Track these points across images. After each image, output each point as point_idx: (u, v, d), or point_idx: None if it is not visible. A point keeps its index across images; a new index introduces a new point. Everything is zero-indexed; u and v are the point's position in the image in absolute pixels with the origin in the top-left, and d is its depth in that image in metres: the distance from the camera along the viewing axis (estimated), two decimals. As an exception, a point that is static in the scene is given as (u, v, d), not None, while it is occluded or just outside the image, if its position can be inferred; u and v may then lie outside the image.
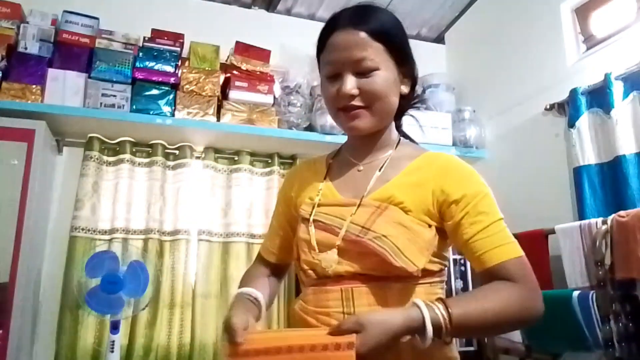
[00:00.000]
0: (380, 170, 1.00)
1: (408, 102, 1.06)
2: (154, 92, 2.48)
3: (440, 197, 0.94)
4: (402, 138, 1.08)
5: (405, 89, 1.01)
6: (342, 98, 0.95)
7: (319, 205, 1.00)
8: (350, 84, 0.94)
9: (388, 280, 0.91)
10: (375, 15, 0.97)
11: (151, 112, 2.45)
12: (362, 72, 0.94)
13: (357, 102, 0.95)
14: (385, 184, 0.97)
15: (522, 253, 0.91)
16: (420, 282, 0.93)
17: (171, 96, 2.51)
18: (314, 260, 0.96)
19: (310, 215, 1.00)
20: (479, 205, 0.92)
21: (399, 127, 1.10)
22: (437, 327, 0.81)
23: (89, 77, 2.41)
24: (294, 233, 1.05)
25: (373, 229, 0.91)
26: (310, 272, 0.97)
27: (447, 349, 0.95)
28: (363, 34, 0.94)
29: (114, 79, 2.44)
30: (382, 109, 0.96)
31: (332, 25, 0.98)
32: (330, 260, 0.94)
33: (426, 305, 0.82)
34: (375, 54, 0.93)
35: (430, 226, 0.94)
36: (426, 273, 0.93)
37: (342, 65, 0.95)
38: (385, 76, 0.95)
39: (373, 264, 0.91)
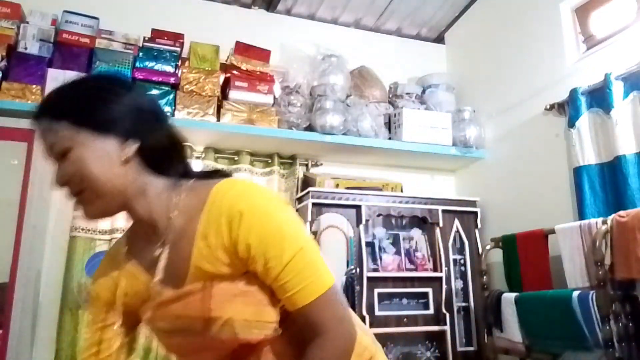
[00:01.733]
0: (173, 248, 0.90)
1: (159, 154, 0.91)
2: (154, 92, 2.48)
3: (239, 252, 0.85)
4: (182, 190, 0.92)
5: (127, 151, 0.86)
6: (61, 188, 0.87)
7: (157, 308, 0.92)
8: (57, 173, 0.86)
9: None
10: (55, 95, 0.88)
11: (151, 112, 2.45)
12: (61, 157, 0.85)
13: (73, 188, 0.86)
14: (190, 261, 0.87)
15: (321, 290, 0.84)
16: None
17: (171, 96, 2.51)
18: None
19: (150, 323, 0.94)
20: (268, 251, 0.84)
21: (186, 175, 0.95)
22: None
23: (89, 77, 2.41)
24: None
25: (216, 315, 0.86)
26: None
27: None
28: (46, 120, 0.85)
29: (114, 79, 2.44)
30: (96, 187, 0.85)
31: None
32: None
33: None
34: (62, 134, 0.84)
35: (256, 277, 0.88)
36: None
37: (49, 157, 0.87)
38: (79, 153, 0.84)
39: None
